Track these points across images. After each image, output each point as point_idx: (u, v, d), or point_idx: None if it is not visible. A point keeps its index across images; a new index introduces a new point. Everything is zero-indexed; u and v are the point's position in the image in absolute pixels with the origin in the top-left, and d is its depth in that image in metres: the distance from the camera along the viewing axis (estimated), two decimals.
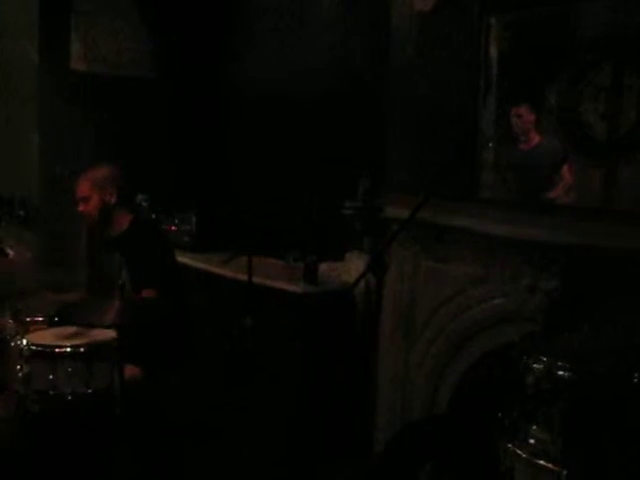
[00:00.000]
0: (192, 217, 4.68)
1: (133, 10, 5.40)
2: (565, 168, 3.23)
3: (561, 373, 2.23)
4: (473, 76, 3.50)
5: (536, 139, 3.35)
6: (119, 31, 5.35)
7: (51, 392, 3.06)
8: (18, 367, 3.12)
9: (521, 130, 3.37)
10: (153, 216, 3.65)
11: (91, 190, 3.59)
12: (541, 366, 2.28)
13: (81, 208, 3.62)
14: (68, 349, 3.12)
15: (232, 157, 5.30)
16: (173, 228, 4.76)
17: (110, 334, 3.17)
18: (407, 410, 3.75)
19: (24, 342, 3.15)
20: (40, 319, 3.50)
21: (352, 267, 4.06)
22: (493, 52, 3.47)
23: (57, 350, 3.12)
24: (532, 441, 2.28)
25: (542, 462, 2.23)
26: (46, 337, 3.25)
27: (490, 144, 3.49)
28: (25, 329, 3.34)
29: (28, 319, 3.44)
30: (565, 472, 2.18)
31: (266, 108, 4.94)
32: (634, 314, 2.72)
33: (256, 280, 3.59)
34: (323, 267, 4.22)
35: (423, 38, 3.73)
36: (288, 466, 3.89)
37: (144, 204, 3.64)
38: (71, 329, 3.36)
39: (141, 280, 3.42)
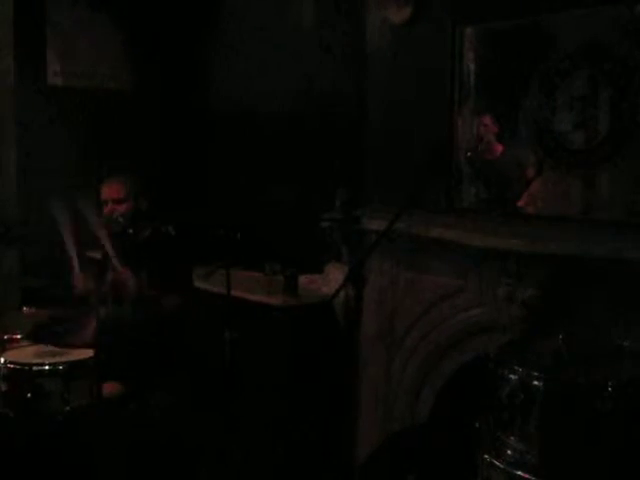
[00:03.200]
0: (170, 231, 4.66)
1: (109, 23, 5.40)
2: (534, 177, 3.25)
3: (536, 383, 2.24)
4: (449, 87, 3.52)
5: (499, 149, 3.39)
6: (95, 45, 5.34)
7: (29, 410, 3.05)
8: None
9: (484, 140, 3.40)
10: (130, 231, 3.63)
11: (127, 194, 3.63)
12: (516, 376, 2.29)
13: (110, 210, 3.62)
14: (46, 367, 3.12)
15: (210, 170, 5.30)
16: None
17: (88, 352, 3.16)
18: (389, 421, 3.75)
19: (1, 360, 3.14)
20: (18, 337, 3.49)
21: (331, 279, 4.07)
22: (468, 62, 3.49)
23: (35, 368, 3.11)
24: (509, 451, 2.30)
25: (519, 472, 2.25)
26: (24, 355, 3.24)
27: (468, 154, 3.50)
28: (2, 347, 3.33)
29: (6, 337, 3.43)
30: None
31: (244, 121, 4.96)
32: (610, 323, 2.74)
33: (235, 293, 3.58)
34: (302, 279, 4.22)
35: (399, 50, 3.75)
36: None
37: (120, 219, 3.62)
38: (49, 347, 3.35)
39: (168, 287, 3.51)
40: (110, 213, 3.60)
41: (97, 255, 3.75)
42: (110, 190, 3.65)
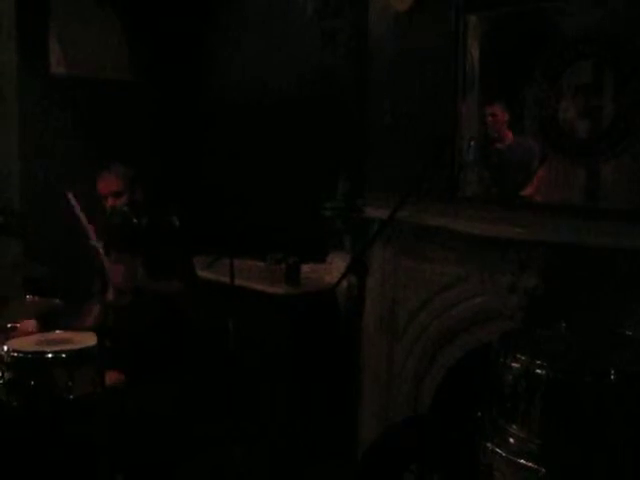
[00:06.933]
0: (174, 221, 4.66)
1: (111, 13, 5.39)
2: (538, 166, 3.24)
3: (538, 371, 2.24)
4: (452, 75, 3.50)
5: (510, 137, 3.37)
6: (98, 34, 5.33)
7: (32, 399, 3.05)
8: None
9: (495, 129, 3.38)
10: (134, 220, 3.64)
11: (124, 186, 3.66)
12: (519, 365, 2.28)
13: (111, 203, 3.65)
14: (50, 355, 3.11)
15: (212, 159, 5.29)
16: None
17: (92, 340, 3.16)
18: (391, 410, 3.76)
19: (5, 348, 3.13)
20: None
21: (334, 268, 4.07)
22: (472, 50, 3.47)
23: (38, 357, 3.11)
24: (511, 440, 2.29)
25: (521, 460, 2.24)
26: (27, 343, 3.24)
27: (472, 143, 3.49)
28: (6, 335, 3.34)
29: (9, 325, 3.43)
30: (544, 470, 2.19)
31: (246, 110, 4.95)
32: (613, 312, 2.74)
33: (238, 282, 3.59)
34: (305, 268, 4.23)
35: (401, 37, 3.74)
36: (273, 469, 3.89)
37: (125, 208, 3.63)
38: (53, 335, 3.35)
39: (167, 274, 3.54)
40: (112, 205, 3.62)
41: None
42: (108, 184, 3.68)
